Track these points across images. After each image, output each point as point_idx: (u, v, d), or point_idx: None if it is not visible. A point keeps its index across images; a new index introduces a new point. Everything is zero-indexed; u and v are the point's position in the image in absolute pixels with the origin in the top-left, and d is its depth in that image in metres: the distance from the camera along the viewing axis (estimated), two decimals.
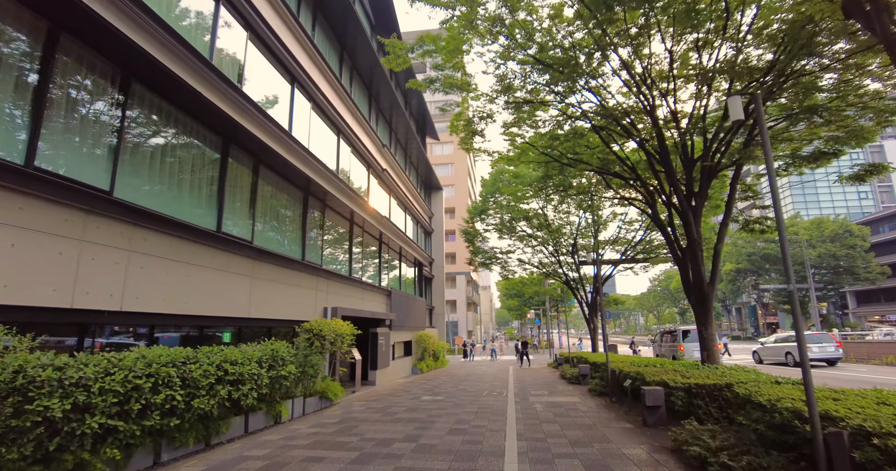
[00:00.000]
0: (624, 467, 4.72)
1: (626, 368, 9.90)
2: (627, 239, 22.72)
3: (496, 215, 23.69)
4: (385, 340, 14.77)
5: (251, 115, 7.59)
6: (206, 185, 7.24)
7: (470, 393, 11.65)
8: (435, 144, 53.97)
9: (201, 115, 6.94)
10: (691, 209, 10.14)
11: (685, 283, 10.53)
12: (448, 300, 50.52)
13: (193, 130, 7.04)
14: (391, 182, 17.90)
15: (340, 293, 11.80)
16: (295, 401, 8.21)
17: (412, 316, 19.06)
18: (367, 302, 13.81)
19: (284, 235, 9.60)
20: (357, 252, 13.93)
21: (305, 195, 10.52)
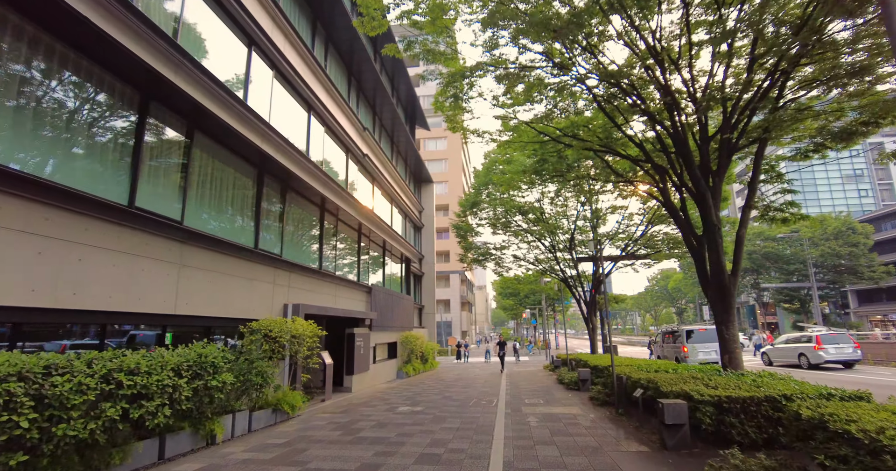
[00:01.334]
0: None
1: (635, 373, 8.51)
2: (628, 234, 21.40)
3: (489, 208, 22.30)
4: (364, 342, 13.33)
5: (177, 64, 6.14)
6: (112, 144, 5.78)
7: (455, 402, 10.24)
8: (428, 140, 52.62)
9: (103, 53, 5.49)
10: (709, 190, 8.78)
11: (702, 275, 9.16)
12: (441, 300, 49.11)
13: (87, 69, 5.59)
14: (373, 169, 16.47)
15: (307, 288, 10.35)
16: (237, 416, 6.76)
17: (397, 315, 17.63)
18: (341, 299, 12.37)
19: (231, 218, 8.15)
20: (331, 244, 12.50)
21: (260, 173, 9.07)
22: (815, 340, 16.81)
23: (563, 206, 20.74)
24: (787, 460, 3.97)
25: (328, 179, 11.46)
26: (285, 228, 9.92)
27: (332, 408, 9.54)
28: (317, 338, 8.82)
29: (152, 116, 6.36)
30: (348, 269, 13.69)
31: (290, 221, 10.34)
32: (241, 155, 8.50)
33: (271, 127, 8.91)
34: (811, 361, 16.87)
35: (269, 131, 8.81)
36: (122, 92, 5.93)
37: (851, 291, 54.24)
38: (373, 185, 17.10)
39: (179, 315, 6.42)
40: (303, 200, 11.07)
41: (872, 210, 60.98)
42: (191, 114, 6.96)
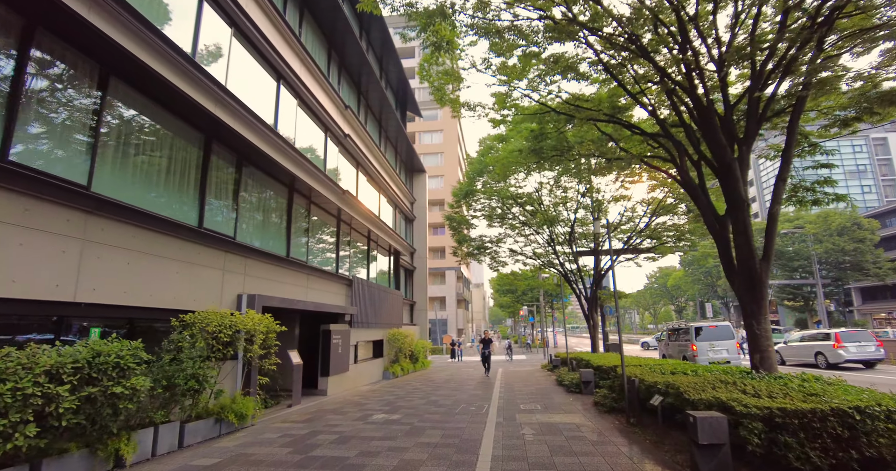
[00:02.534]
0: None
1: (648, 376, 7.21)
2: (631, 226, 20.11)
3: (485, 198, 20.97)
4: (343, 340, 12.01)
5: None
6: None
7: (441, 408, 8.93)
8: (423, 133, 51.29)
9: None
10: (737, 160, 7.48)
11: (727, 261, 7.86)
12: (437, 297, 47.83)
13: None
14: (357, 152, 15.12)
15: (269, 278, 9.02)
16: (162, 430, 5.43)
17: (384, 311, 16.31)
18: (314, 292, 11.03)
19: (165, 189, 6.80)
20: (302, 230, 11.15)
21: (208, 141, 7.72)
22: (835, 337, 15.57)
23: (563, 196, 19.42)
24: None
25: (299, 156, 10.13)
26: (241, 208, 8.57)
27: (297, 415, 8.22)
28: (273, 334, 7.49)
29: (41, 47, 5.00)
30: (325, 259, 12.35)
31: (250, 201, 8.99)
32: (185, 117, 7.14)
33: (227, 90, 7.58)
34: (830, 360, 15.63)
35: (224, 95, 7.48)
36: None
37: (855, 288, 53.16)
38: (357, 169, 15.76)
39: (80, 304, 5.07)
40: (267, 179, 9.72)
41: (876, 206, 59.88)
42: (105, 57, 5.60)
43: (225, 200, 8.08)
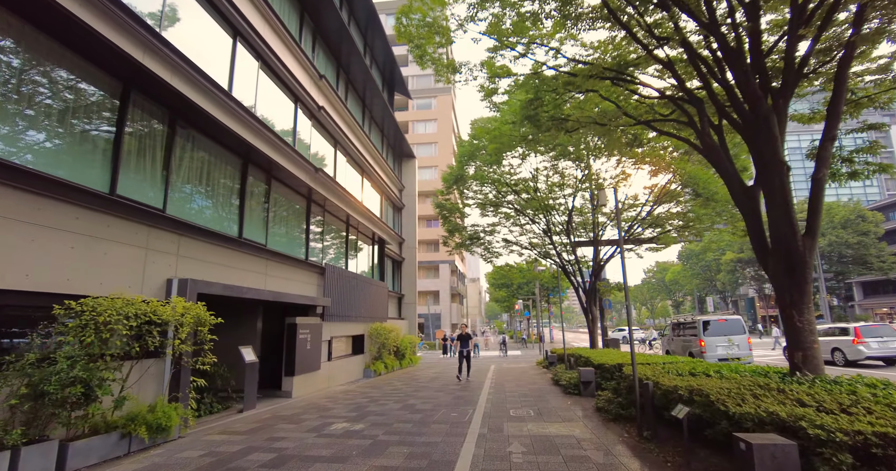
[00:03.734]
0: None
1: (665, 378, 5.88)
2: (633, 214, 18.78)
3: (477, 185, 19.57)
4: (312, 335, 10.65)
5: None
6: None
7: (416, 414, 7.60)
8: (417, 122, 49.75)
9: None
10: (774, 113, 6.12)
11: (757, 240, 6.53)
12: (430, 291, 46.53)
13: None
14: (334, 128, 13.69)
15: (213, 261, 7.62)
16: (24, 454, 4.06)
17: (365, 304, 14.95)
18: (275, 279, 9.65)
19: (60, 143, 5.39)
20: (260, 208, 9.74)
21: (127, 88, 6.28)
22: (854, 332, 14.33)
23: (560, 182, 18.06)
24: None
25: (257, 123, 8.72)
26: (175, 177, 7.15)
27: (241, 425, 6.86)
28: (206, 327, 6.12)
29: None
30: (291, 243, 10.94)
31: (189, 169, 7.57)
32: (84, 53, 5.71)
33: (156, 33, 6.16)
34: (848, 356, 14.40)
35: (153, 39, 6.06)
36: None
37: (856, 282, 52.21)
38: (335, 148, 14.34)
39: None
40: (215, 146, 8.30)
41: (878, 200, 58.85)
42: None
43: (150, 164, 6.66)
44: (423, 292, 45.67)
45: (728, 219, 16.10)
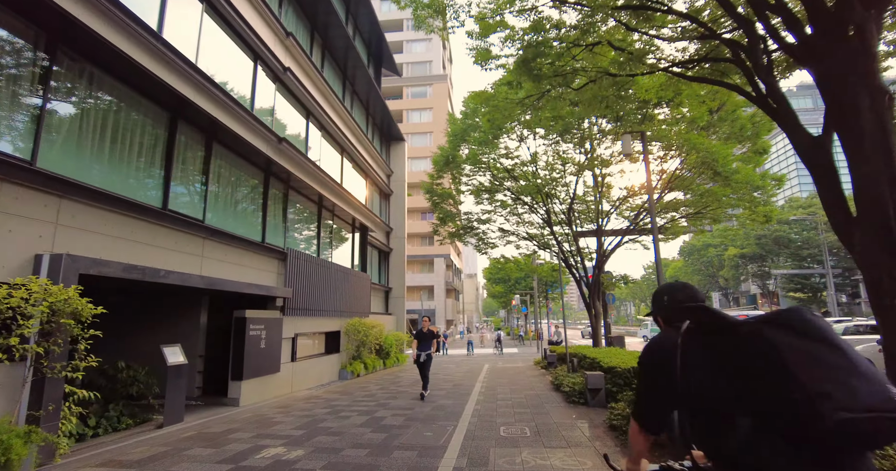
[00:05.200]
0: None
1: None
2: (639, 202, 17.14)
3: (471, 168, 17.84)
4: (269, 331, 8.97)
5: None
6: None
7: (381, 433, 5.94)
8: (412, 111, 47.97)
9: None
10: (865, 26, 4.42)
11: (833, 206, 4.85)
12: (425, 286, 44.91)
13: None
14: (304, 96, 11.96)
15: (116, 234, 5.91)
16: None
17: (342, 296, 13.26)
18: (215, 263, 7.93)
19: None
20: (197, 177, 7.99)
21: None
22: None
23: (562, 170, 16.38)
24: None
25: (192, 71, 7.00)
26: (51, 118, 5.42)
27: (141, 449, 5.17)
28: (71, 321, 4.42)
29: None
30: (241, 221, 9.21)
31: (80, 115, 5.83)
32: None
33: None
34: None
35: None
36: None
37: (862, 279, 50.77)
38: (307, 119, 12.62)
39: None
40: (127, 91, 6.57)
41: None
42: None
43: (10, 97, 4.93)
44: (417, 287, 44.05)
45: (748, 203, 14.47)
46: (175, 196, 7.17)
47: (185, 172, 7.60)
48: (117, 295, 8.94)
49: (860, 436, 0.97)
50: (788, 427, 1.04)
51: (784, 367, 1.06)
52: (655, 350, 1.47)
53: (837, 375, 1.02)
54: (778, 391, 1.05)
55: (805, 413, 1.00)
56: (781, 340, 1.10)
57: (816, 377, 1.02)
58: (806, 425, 1.00)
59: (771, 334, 1.12)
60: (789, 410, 1.03)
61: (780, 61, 6.33)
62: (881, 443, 1.08)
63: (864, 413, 0.96)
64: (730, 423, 1.15)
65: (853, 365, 1.04)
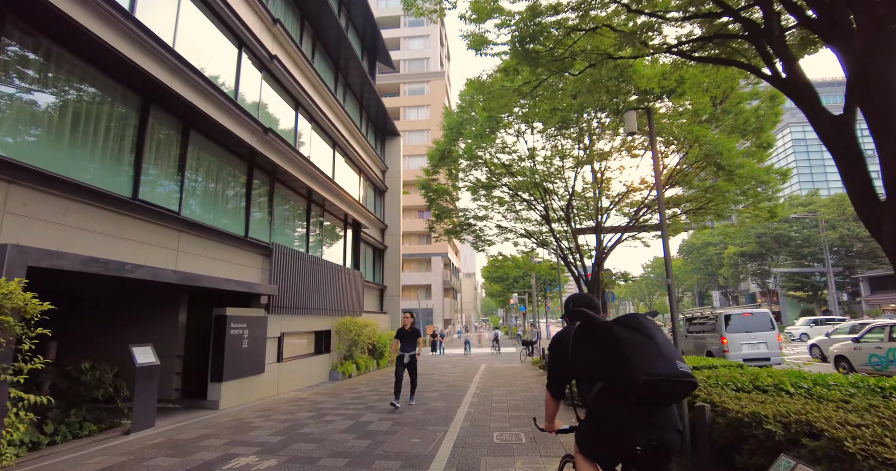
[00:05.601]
0: None
1: (728, 399, 3.78)
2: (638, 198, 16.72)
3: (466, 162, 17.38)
4: (252, 330, 8.52)
5: None
6: None
7: (364, 439, 5.51)
8: (409, 109, 47.49)
9: None
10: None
11: (858, 189, 4.45)
12: (422, 285, 44.48)
13: None
14: (293, 85, 11.50)
15: (77, 225, 5.46)
16: None
17: (333, 294, 12.82)
18: (192, 258, 7.48)
19: None
20: (172, 165, 7.51)
21: None
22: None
23: (560, 167, 15.96)
24: None
25: (168, 54, 6.56)
26: None
27: (97, 460, 4.72)
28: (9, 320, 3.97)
29: None
30: (222, 214, 8.74)
31: (41, 96, 5.38)
32: None
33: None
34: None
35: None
36: None
37: (863, 278, 50.48)
38: (295, 110, 12.16)
39: None
40: (94, 72, 6.11)
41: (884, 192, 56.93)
42: None
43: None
44: (414, 286, 43.62)
45: (751, 198, 14.05)
46: (147, 185, 6.71)
47: (160, 161, 7.14)
48: (94, 292, 8.50)
49: (657, 391, 1.67)
50: (621, 387, 1.72)
51: (622, 350, 1.73)
52: (559, 339, 2.18)
53: (648, 355, 1.70)
54: (618, 365, 1.73)
55: (629, 378, 1.67)
56: (622, 333, 1.78)
57: (637, 356, 1.70)
58: (629, 385, 1.68)
59: (617, 330, 1.81)
60: (622, 376, 1.70)
61: (796, 41, 5.90)
62: (672, 397, 1.77)
63: (658, 377, 1.64)
64: (592, 385, 1.85)
65: (658, 349, 1.72)
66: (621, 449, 1.82)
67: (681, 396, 1.81)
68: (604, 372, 1.82)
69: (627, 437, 1.76)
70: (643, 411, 1.76)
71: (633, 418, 1.76)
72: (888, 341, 10.91)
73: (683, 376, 1.68)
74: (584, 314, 1.96)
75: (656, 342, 1.76)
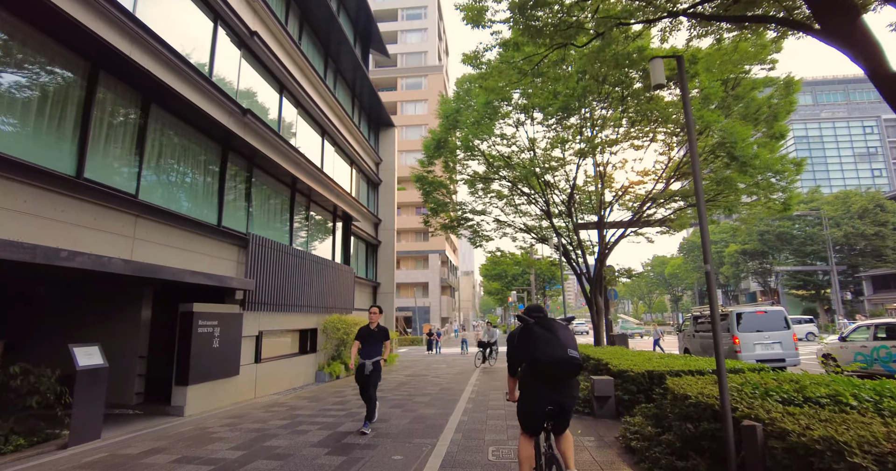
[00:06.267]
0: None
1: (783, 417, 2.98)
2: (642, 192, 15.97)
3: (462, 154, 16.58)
4: (224, 328, 7.73)
5: None
6: None
7: (337, 456, 4.74)
8: (407, 103, 46.66)
9: None
10: None
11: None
12: (419, 282, 43.71)
13: None
14: (276, 66, 10.70)
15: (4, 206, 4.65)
16: None
17: (319, 290, 12.04)
18: (151, 246, 6.66)
19: None
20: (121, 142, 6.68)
21: None
22: None
23: (560, 159, 15.17)
24: None
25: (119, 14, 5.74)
26: None
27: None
28: None
29: None
30: (188, 199, 7.91)
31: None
32: None
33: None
34: None
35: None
36: None
37: (866, 276, 49.84)
38: (279, 94, 11.36)
39: None
40: (17, 24, 5.30)
41: (887, 191, 56.50)
42: None
43: None
44: (411, 284, 42.86)
45: (763, 189, 13.28)
46: (96, 164, 5.90)
47: (114, 138, 6.33)
48: (50, 286, 7.71)
49: (553, 369, 2.74)
50: (533, 366, 2.78)
51: (535, 342, 2.82)
52: (511, 335, 3.20)
53: (549, 345, 2.77)
54: (532, 351, 2.80)
55: (536, 359, 2.77)
56: (538, 331, 2.87)
57: (542, 346, 2.78)
58: (536, 364, 2.76)
59: (535, 329, 2.89)
60: (532, 358, 2.78)
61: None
62: (566, 373, 2.79)
63: (553, 358, 2.73)
64: (521, 366, 2.97)
65: (558, 341, 2.78)
66: (538, 409, 2.87)
67: (572, 372, 2.83)
68: (526, 356, 2.90)
69: (541, 400, 2.86)
70: (550, 384, 2.84)
71: (544, 388, 2.85)
72: (872, 340, 10.71)
73: (571, 359, 2.76)
74: (521, 317, 3.09)
75: (557, 337, 2.84)
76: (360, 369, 5.98)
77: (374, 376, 5.95)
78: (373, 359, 5.95)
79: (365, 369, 5.94)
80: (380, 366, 5.99)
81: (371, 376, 5.92)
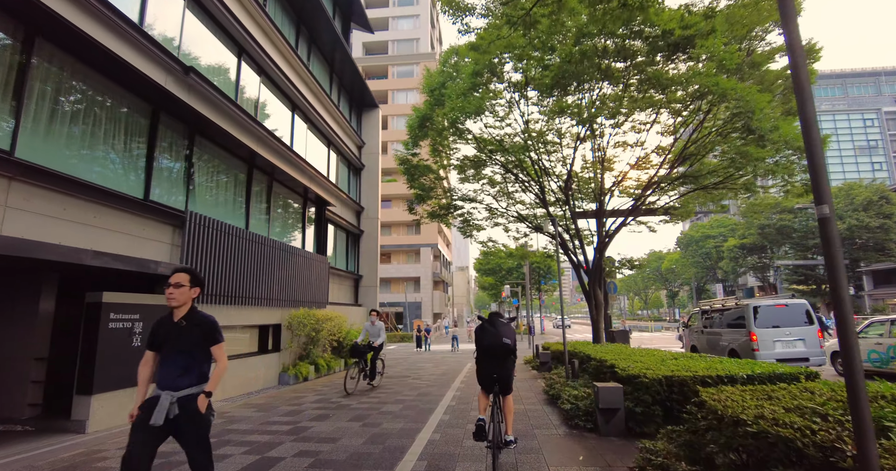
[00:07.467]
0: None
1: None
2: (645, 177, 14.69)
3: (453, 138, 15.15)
4: (149, 323, 6.31)
5: None
6: None
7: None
8: (398, 92, 45.12)
9: None
10: None
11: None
12: (410, 277, 42.37)
13: None
14: (233, 26, 9.26)
15: None
16: None
17: (287, 282, 10.65)
18: (29, 216, 5.19)
19: None
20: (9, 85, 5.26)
21: None
22: None
23: (556, 143, 13.83)
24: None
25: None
26: None
27: None
28: None
29: None
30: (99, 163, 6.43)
31: None
32: None
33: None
34: None
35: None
36: None
37: (866, 271, 48.93)
38: (238, 58, 9.93)
39: None
40: None
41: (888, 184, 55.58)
42: None
43: None
44: (402, 278, 41.51)
45: (783, 168, 11.96)
46: None
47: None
48: None
49: (491, 351, 4.15)
50: (484, 351, 4.20)
51: (483, 334, 4.19)
52: (476, 330, 4.37)
53: (490, 336, 4.15)
54: (479, 341, 4.23)
55: (480, 346, 4.24)
56: (486, 326, 4.25)
57: (487, 338, 4.17)
58: (485, 350, 4.18)
59: (485, 324, 4.28)
60: (479, 346, 4.25)
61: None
62: (500, 355, 4.15)
63: (492, 344, 4.13)
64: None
65: (497, 333, 4.14)
66: (485, 375, 4.17)
67: (503, 355, 4.14)
68: (479, 343, 4.22)
69: (486, 371, 4.15)
70: (491, 361, 4.14)
71: (488, 364, 4.16)
72: (889, 337, 9.65)
73: (503, 345, 4.09)
74: (480, 317, 4.49)
75: (497, 330, 4.14)
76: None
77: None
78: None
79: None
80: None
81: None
